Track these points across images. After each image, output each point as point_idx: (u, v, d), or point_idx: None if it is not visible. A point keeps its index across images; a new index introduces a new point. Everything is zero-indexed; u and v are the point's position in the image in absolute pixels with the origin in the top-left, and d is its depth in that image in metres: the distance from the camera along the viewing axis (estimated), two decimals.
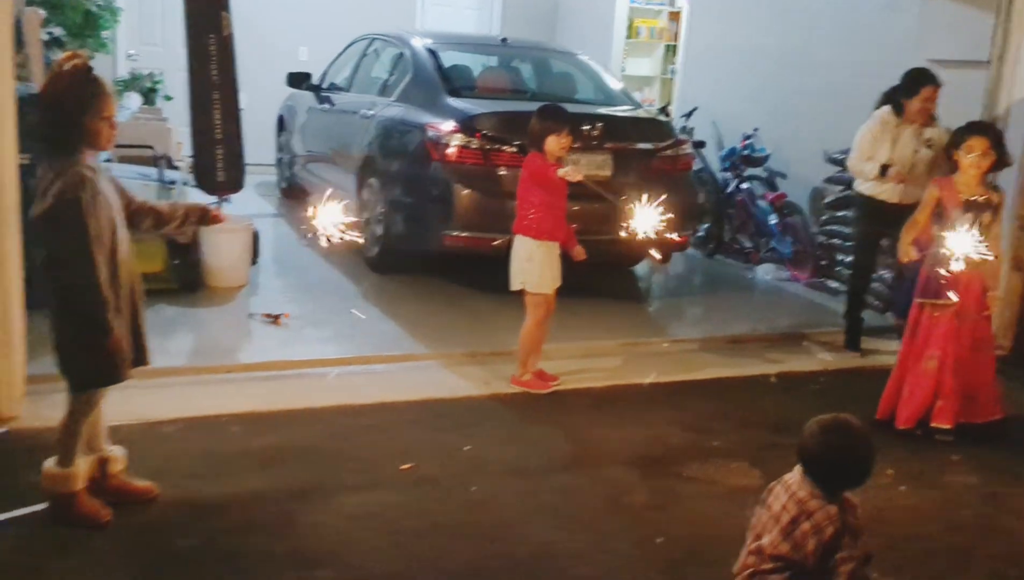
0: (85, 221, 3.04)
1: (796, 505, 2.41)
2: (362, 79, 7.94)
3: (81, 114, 3.08)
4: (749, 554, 2.51)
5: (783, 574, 2.38)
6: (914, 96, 5.39)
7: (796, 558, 2.36)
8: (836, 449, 2.41)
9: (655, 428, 4.57)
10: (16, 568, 3.05)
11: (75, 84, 3.09)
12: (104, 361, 3.17)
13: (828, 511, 2.36)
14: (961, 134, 4.61)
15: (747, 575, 2.48)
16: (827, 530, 2.33)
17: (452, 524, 3.52)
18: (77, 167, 3.08)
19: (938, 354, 4.62)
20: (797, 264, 7.60)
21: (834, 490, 2.40)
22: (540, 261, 4.80)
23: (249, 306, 5.90)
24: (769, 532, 2.46)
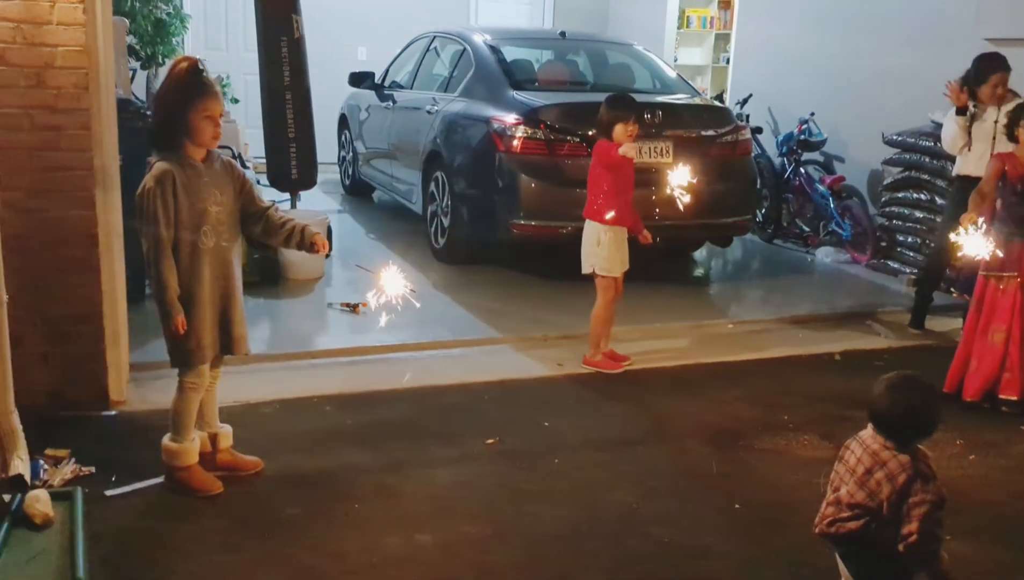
0: (156, 212, 3.27)
1: (870, 457, 2.56)
2: (424, 76, 8.17)
3: (184, 111, 3.31)
4: (828, 505, 2.66)
5: (860, 521, 2.53)
6: (984, 84, 5.52)
7: (872, 505, 2.51)
8: (904, 403, 2.55)
9: (726, 404, 4.73)
10: (144, 533, 3.31)
11: (183, 83, 3.32)
12: (178, 344, 3.42)
13: (900, 460, 2.51)
14: (1021, 110, 4.70)
15: (826, 524, 2.63)
16: (899, 477, 2.48)
17: (539, 492, 3.72)
18: (167, 161, 3.32)
19: (1004, 327, 4.72)
20: (857, 246, 7.68)
21: (904, 442, 2.55)
22: (608, 245, 4.98)
23: (327, 296, 6.15)
24: (846, 484, 2.62)
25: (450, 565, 3.18)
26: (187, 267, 3.36)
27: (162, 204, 3.27)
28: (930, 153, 6.87)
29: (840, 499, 2.60)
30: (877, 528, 2.53)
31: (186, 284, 3.37)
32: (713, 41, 12.33)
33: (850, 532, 2.55)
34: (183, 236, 3.34)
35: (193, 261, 3.38)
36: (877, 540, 2.52)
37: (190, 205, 3.34)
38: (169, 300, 3.32)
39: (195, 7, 10.43)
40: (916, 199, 7.18)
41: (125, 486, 3.56)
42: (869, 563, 2.58)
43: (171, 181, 3.28)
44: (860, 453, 2.61)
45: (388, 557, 3.21)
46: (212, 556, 3.17)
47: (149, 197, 3.26)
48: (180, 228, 3.33)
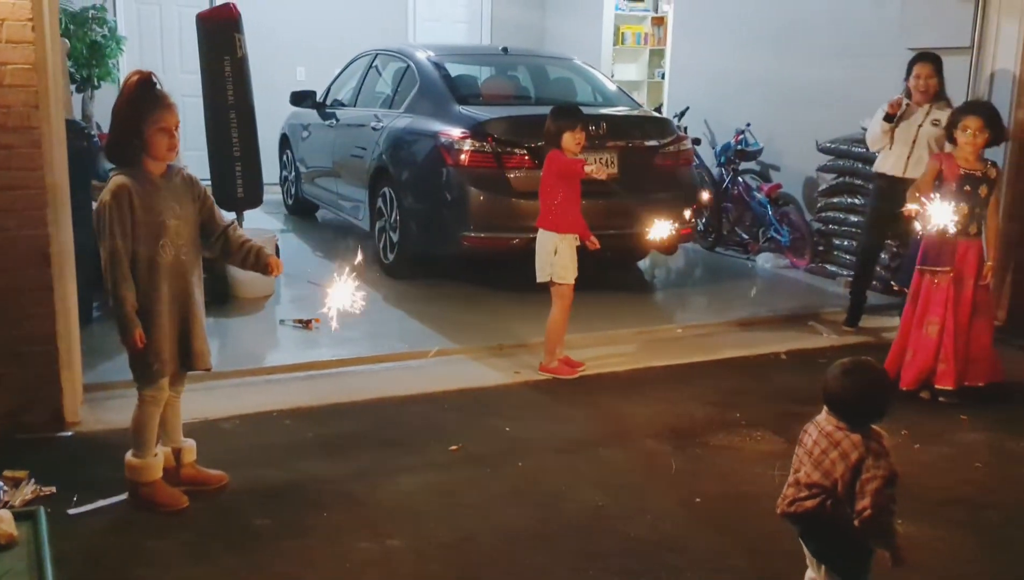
0: (112, 227, 3.27)
1: (825, 438, 2.66)
2: (367, 94, 8.20)
3: (140, 124, 3.31)
4: (788, 486, 2.75)
5: (817, 499, 2.63)
6: (909, 75, 5.77)
7: (827, 484, 2.60)
8: (857, 386, 2.66)
9: (680, 404, 4.83)
10: (111, 549, 3.28)
11: (137, 96, 3.33)
12: (137, 358, 3.42)
13: (852, 439, 2.61)
14: (958, 114, 4.94)
15: (787, 504, 2.72)
16: (852, 455, 2.58)
17: (506, 494, 3.77)
18: (125, 175, 3.32)
19: (938, 319, 4.92)
20: (795, 251, 7.89)
21: (857, 423, 2.66)
22: (564, 253, 5.07)
23: (278, 314, 6.14)
24: (804, 466, 2.72)
25: (424, 567, 3.22)
26: (145, 281, 3.35)
27: (119, 218, 3.26)
28: (862, 159, 7.10)
29: (799, 480, 2.70)
30: (834, 506, 2.62)
31: (144, 298, 3.35)
32: (648, 57, 12.58)
33: (808, 511, 2.64)
34: (140, 250, 3.33)
35: (151, 275, 3.37)
36: (834, 518, 2.61)
37: (148, 219, 3.33)
38: (127, 314, 3.31)
39: (130, 29, 10.33)
40: (850, 204, 7.42)
41: (88, 504, 3.53)
42: (828, 540, 2.67)
43: (127, 195, 3.28)
44: (816, 435, 2.71)
45: (361, 562, 3.23)
46: (182, 569, 3.16)
47: (106, 211, 3.26)
48: (137, 242, 3.32)
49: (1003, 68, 6.16)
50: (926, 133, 5.76)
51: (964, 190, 4.83)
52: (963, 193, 4.82)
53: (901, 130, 5.83)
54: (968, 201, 4.83)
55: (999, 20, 6.21)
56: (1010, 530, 3.65)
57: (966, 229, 4.87)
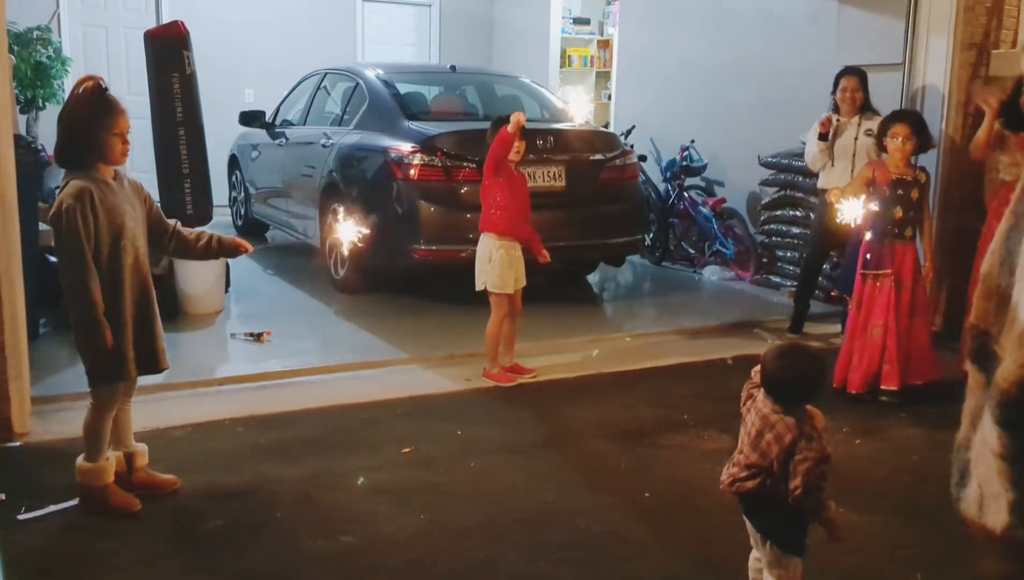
0: (77, 229, 3.28)
1: (761, 420, 2.76)
2: (316, 112, 8.25)
3: (94, 129, 3.35)
4: (732, 466, 2.84)
5: (756, 479, 2.73)
6: (836, 89, 5.98)
7: (764, 464, 2.70)
8: (791, 367, 2.77)
9: (629, 408, 4.93)
10: (64, 553, 3.28)
11: (89, 102, 3.37)
12: (104, 360, 3.41)
13: (786, 422, 2.71)
14: (887, 122, 5.15)
15: (728, 483, 2.82)
16: (786, 437, 2.68)
17: (458, 493, 3.83)
18: (79, 179, 3.35)
19: (881, 322, 5.08)
20: (740, 264, 8.07)
21: (792, 404, 2.76)
22: (499, 262, 5.13)
23: (229, 328, 6.14)
24: (745, 447, 2.81)
25: (377, 560, 3.26)
26: (108, 283, 3.37)
27: (82, 220, 3.28)
28: (803, 172, 7.29)
29: (738, 461, 2.80)
30: (772, 485, 2.72)
31: (108, 300, 3.36)
32: (594, 79, 12.79)
33: (748, 490, 2.74)
34: (103, 251, 3.35)
35: (114, 276, 3.39)
36: (773, 496, 2.71)
37: (108, 220, 3.36)
38: (97, 317, 3.32)
39: (75, 50, 10.27)
40: (792, 216, 7.62)
41: (39, 510, 3.52)
42: (769, 517, 2.77)
43: (89, 197, 3.30)
44: (754, 417, 2.81)
45: (315, 558, 3.26)
46: (137, 569, 3.16)
47: (69, 214, 3.27)
48: (100, 243, 3.34)
49: (933, 83, 6.40)
50: (863, 145, 5.95)
51: (897, 194, 5.02)
52: (896, 197, 5.02)
53: (839, 146, 6.02)
54: (902, 205, 5.02)
55: (928, 36, 6.45)
56: (944, 515, 3.75)
57: (902, 233, 5.06)
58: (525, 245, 5.26)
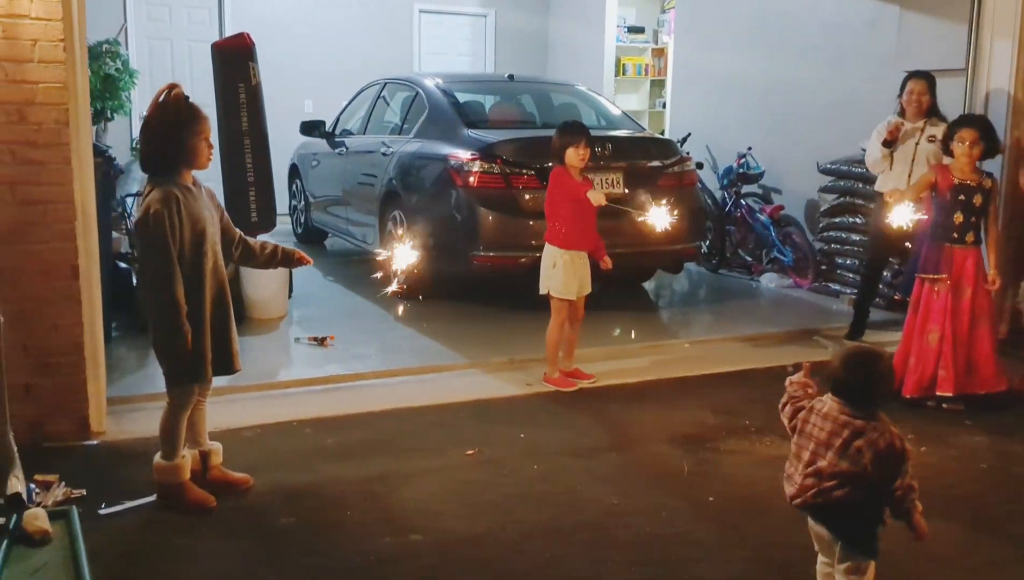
0: (165, 233, 3.39)
1: (843, 427, 2.73)
2: (376, 121, 8.38)
3: (182, 135, 3.46)
4: (807, 477, 2.80)
5: (847, 487, 2.71)
6: (903, 92, 5.94)
7: (857, 471, 2.68)
8: (867, 370, 2.77)
9: (690, 413, 4.94)
10: (142, 546, 3.39)
11: (176, 108, 3.48)
12: (184, 361, 3.52)
13: (876, 427, 2.70)
14: (954, 127, 5.11)
15: (811, 495, 2.78)
16: (880, 442, 2.67)
17: (523, 494, 3.87)
18: (167, 185, 3.46)
19: (938, 328, 5.04)
20: (798, 271, 8.02)
21: (868, 408, 2.76)
22: (564, 268, 5.18)
23: (293, 333, 6.25)
24: (823, 457, 2.78)
25: (446, 558, 3.31)
26: (190, 286, 3.47)
27: (169, 225, 3.38)
28: (863, 179, 7.24)
29: (821, 470, 2.75)
30: (862, 491, 2.70)
31: (189, 303, 3.46)
32: (648, 87, 12.80)
33: (838, 499, 2.71)
34: (186, 255, 3.46)
35: (195, 280, 3.49)
36: (859, 501, 2.70)
37: (191, 225, 3.47)
38: (180, 319, 3.41)
39: (141, 63, 10.54)
40: (852, 223, 7.56)
41: (118, 505, 3.63)
42: (850, 523, 2.75)
43: (175, 202, 3.41)
44: (831, 426, 2.77)
45: (385, 556, 3.33)
46: (215, 563, 3.25)
47: (156, 218, 3.37)
48: (183, 248, 3.44)
49: (998, 88, 6.32)
50: (924, 150, 5.91)
51: (958, 200, 4.98)
52: (957, 202, 4.97)
53: (900, 150, 5.98)
54: (963, 210, 4.97)
55: (992, 41, 6.37)
56: (1013, 525, 3.74)
57: (962, 238, 5.01)
58: (590, 253, 5.30)
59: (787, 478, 2.87)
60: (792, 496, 2.85)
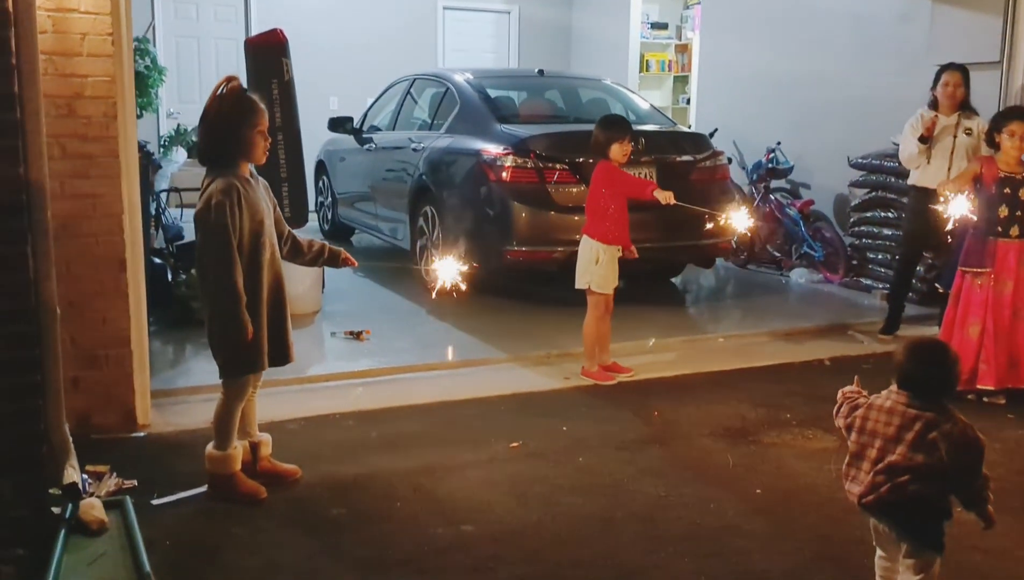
0: (226, 223, 3.40)
1: (915, 420, 2.70)
2: (405, 117, 8.39)
3: (240, 128, 3.48)
4: (877, 474, 2.74)
5: (924, 481, 2.65)
6: (937, 84, 5.93)
7: (934, 463, 2.66)
8: (933, 361, 2.75)
9: (730, 406, 4.93)
10: (197, 535, 3.41)
11: (235, 101, 3.50)
12: (241, 352, 3.53)
13: (950, 418, 2.68)
14: (1002, 119, 5.07)
15: (886, 490, 2.73)
16: (954, 433, 2.65)
17: (570, 486, 3.87)
18: (228, 176, 3.48)
19: (978, 321, 5.02)
20: (829, 266, 8.00)
21: (937, 400, 2.73)
22: (605, 264, 5.19)
23: (328, 327, 6.27)
24: (893, 451, 2.74)
25: (499, 549, 3.32)
26: (248, 277, 3.48)
27: (230, 215, 3.40)
28: (895, 173, 7.22)
29: (893, 464, 2.71)
30: (938, 484, 2.68)
31: (248, 294, 3.47)
32: (672, 83, 12.78)
33: (913, 493, 2.66)
34: (245, 247, 3.47)
35: (253, 271, 3.50)
36: (929, 494, 2.68)
37: (251, 217, 3.48)
38: (240, 310, 3.43)
39: (168, 60, 10.59)
40: (884, 217, 7.54)
41: (170, 495, 3.65)
42: (921, 520, 2.72)
43: (237, 193, 3.43)
44: (899, 420, 2.72)
45: (438, 546, 3.34)
46: (270, 552, 3.27)
47: (219, 210, 3.38)
48: (243, 239, 3.46)
49: None
50: (962, 143, 5.89)
51: (1004, 192, 4.95)
52: (1003, 195, 4.94)
53: (937, 145, 5.95)
54: (1008, 203, 4.94)
55: None
56: None
57: (1007, 231, 4.97)
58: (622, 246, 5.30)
59: (849, 478, 2.82)
60: (862, 494, 2.75)
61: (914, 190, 6.21)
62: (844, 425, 2.86)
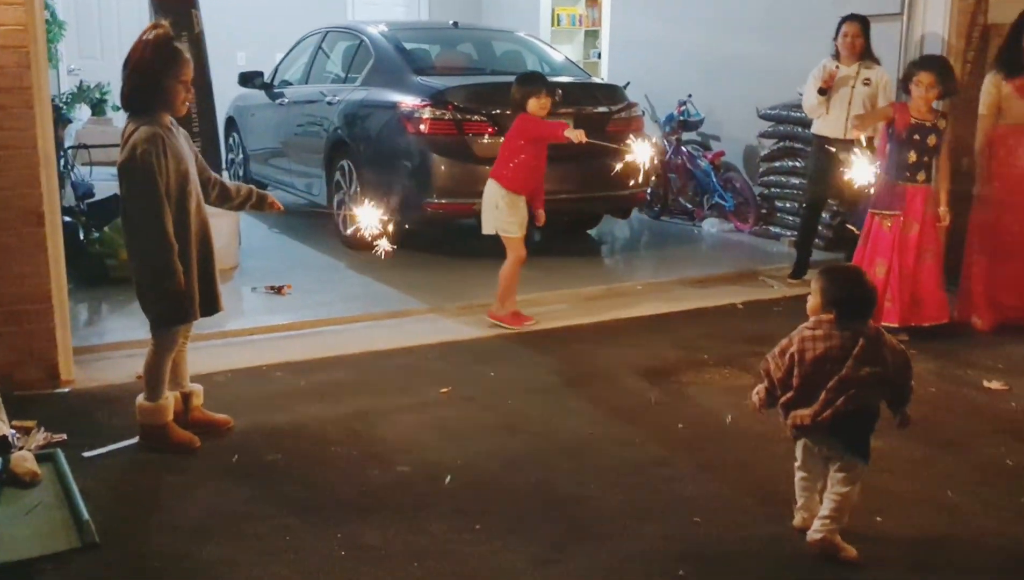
0: (153, 172, 3.36)
1: (853, 338, 2.87)
2: (318, 71, 8.30)
3: (163, 77, 3.43)
4: (829, 391, 2.90)
5: (872, 390, 2.89)
6: (838, 34, 6.18)
7: (877, 371, 2.86)
8: (856, 283, 2.98)
9: (650, 349, 5.09)
10: (132, 485, 3.42)
11: (158, 49, 3.44)
12: (172, 302, 3.51)
13: (880, 329, 2.91)
14: (912, 68, 5.28)
15: (842, 403, 2.87)
16: (897, 347, 2.92)
17: (500, 426, 3.98)
18: (152, 125, 3.43)
19: (885, 261, 5.27)
20: (739, 216, 8.24)
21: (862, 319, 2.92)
22: (506, 208, 5.26)
23: (248, 283, 6.22)
24: (838, 370, 2.89)
25: (435, 486, 3.40)
26: (177, 227, 3.45)
27: (156, 163, 3.36)
28: (802, 123, 7.44)
29: (844, 379, 2.86)
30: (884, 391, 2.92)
31: (178, 242, 3.45)
32: (583, 38, 12.87)
33: (864, 401, 2.88)
34: (172, 196, 3.43)
35: (182, 221, 3.48)
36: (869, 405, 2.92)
37: (176, 165, 3.44)
38: (172, 259, 3.40)
39: (67, 15, 10.21)
40: (792, 167, 7.79)
41: (101, 448, 3.63)
42: (859, 431, 2.94)
43: (161, 141, 3.39)
44: (838, 341, 2.88)
45: (375, 487, 3.41)
46: (208, 500, 3.29)
47: (144, 159, 3.33)
48: (169, 188, 3.42)
49: (932, 32, 6.55)
50: (860, 93, 6.13)
51: (913, 139, 5.17)
52: (912, 141, 5.17)
53: (836, 95, 6.18)
54: (916, 149, 5.17)
55: None
56: (963, 441, 3.99)
57: (914, 176, 5.21)
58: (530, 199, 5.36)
59: (788, 411, 2.98)
60: (815, 413, 2.91)
61: (816, 139, 6.45)
62: (783, 370, 2.97)
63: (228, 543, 2.99)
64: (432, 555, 2.94)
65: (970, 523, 3.25)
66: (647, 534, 3.11)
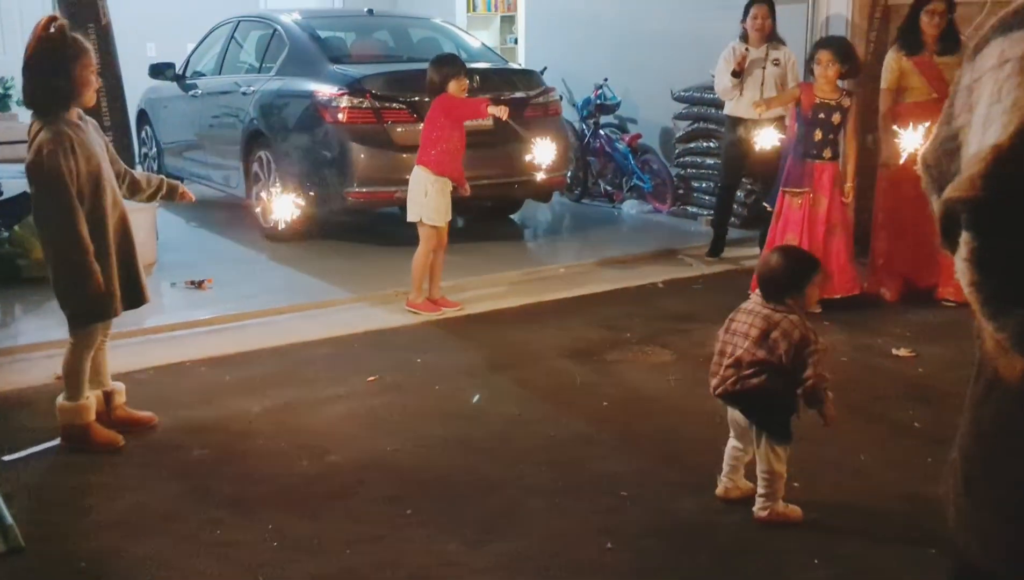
0: (61, 172, 3.30)
1: (763, 320, 2.98)
2: (231, 61, 8.17)
3: (70, 69, 3.36)
4: (727, 368, 3.04)
5: (763, 375, 2.96)
6: (747, 17, 6.31)
7: (772, 360, 2.94)
8: (779, 264, 3.05)
9: (574, 331, 5.17)
10: (55, 487, 3.36)
11: (54, 43, 3.36)
12: (90, 300, 3.46)
13: (791, 320, 2.96)
14: (814, 48, 5.45)
15: (731, 384, 3.02)
16: (794, 334, 2.93)
17: (428, 413, 4.01)
18: (56, 123, 3.36)
19: (795, 236, 5.43)
20: (658, 197, 8.37)
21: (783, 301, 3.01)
22: (434, 196, 5.28)
23: (167, 278, 6.12)
24: (740, 348, 3.02)
25: (364, 475, 3.43)
26: (92, 225, 3.40)
27: (65, 163, 3.29)
28: (715, 104, 7.58)
29: (740, 359, 2.98)
30: (774, 379, 2.96)
31: (94, 241, 3.40)
32: (499, 23, 12.88)
33: (754, 386, 2.96)
34: (84, 194, 3.37)
35: (97, 218, 3.42)
36: (774, 389, 2.96)
37: (86, 162, 3.38)
38: (87, 259, 3.35)
39: None
40: (706, 148, 7.94)
41: (21, 452, 3.56)
42: (766, 410, 3.01)
43: (68, 140, 3.32)
44: (751, 319, 3.01)
45: (304, 477, 3.42)
46: (135, 497, 3.26)
47: (50, 159, 3.27)
48: (81, 186, 3.36)
49: (836, 13, 6.76)
50: (771, 74, 6.28)
51: (818, 118, 5.33)
52: (818, 120, 5.33)
53: (748, 77, 6.32)
54: (822, 127, 5.33)
55: None
56: (876, 406, 4.15)
57: (820, 153, 5.38)
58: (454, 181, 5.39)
59: (711, 375, 3.10)
60: (714, 387, 3.07)
61: (729, 120, 6.59)
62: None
63: (157, 540, 2.97)
64: (364, 542, 2.97)
65: (880, 483, 3.40)
66: (576, 511, 3.18)
